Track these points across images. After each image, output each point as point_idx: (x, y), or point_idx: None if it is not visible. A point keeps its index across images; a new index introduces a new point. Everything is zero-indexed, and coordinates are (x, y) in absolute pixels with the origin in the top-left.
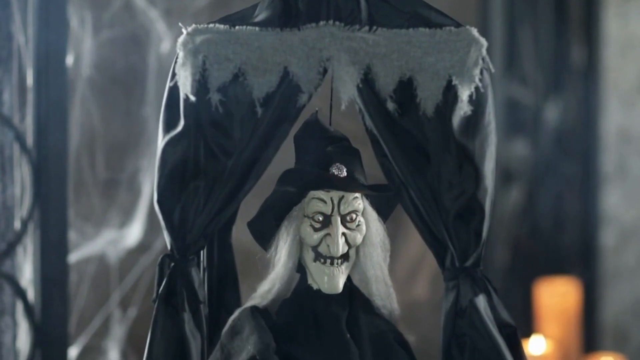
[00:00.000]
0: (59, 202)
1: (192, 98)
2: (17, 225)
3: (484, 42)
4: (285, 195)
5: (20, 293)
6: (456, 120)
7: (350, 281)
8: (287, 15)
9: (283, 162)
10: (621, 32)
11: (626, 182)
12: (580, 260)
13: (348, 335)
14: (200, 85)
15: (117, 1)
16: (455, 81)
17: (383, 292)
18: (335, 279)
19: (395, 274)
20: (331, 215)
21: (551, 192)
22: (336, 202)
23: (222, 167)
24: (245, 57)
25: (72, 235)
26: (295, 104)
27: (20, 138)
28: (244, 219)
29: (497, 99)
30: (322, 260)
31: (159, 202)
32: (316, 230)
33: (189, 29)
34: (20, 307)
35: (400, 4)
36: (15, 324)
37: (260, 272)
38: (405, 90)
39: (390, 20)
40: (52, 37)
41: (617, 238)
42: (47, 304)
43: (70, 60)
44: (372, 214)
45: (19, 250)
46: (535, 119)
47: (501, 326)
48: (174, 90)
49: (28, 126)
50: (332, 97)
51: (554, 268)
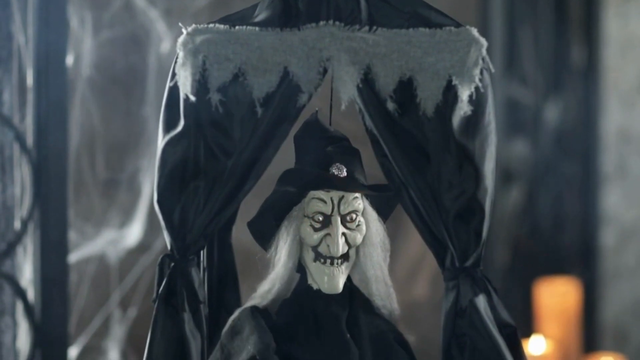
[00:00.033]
0: (59, 202)
1: (192, 98)
2: (17, 225)
3: (484, 42)
4: (285, 195)
5: (20, 293)
6: (456, 120)
7: (350, 281)
8: (287, 15)
9: (283, 162)
10: (621, 32)
11: (626, 182)
12: (580, 260)
13: (348, 335)
14: (200, 85)
15: (117, 1)
16: (455, 81)
17: (383, 292)
18: (335, 279)
19: (395, 274)
20: (331, 215)
21: (551, 192)
22: (336, 202)
23: (222, 167)
24: (245, 57)
25: (72, 235)
26: (295, 104)
27: (20, 138)
28: (244, 219)
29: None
30: (322, 260)
31: (159, 202)
32: (316, 230)
33: (189, 29)
34: (20, 307)
35: (400, 4)
36: (15, 324)
37: (260, 272)
38: (405, 90)
39: (390, 20)
40: (52, 37)
41: (617, 238)
42: (47, 304)
43: (70, 60)
44: (372, 214)
45: (19, 250)
46: (535, 119)
47: (501, 326)
48: (174, 90)
49: (28, 126)
50: (332, 97)
51: (554, 268)
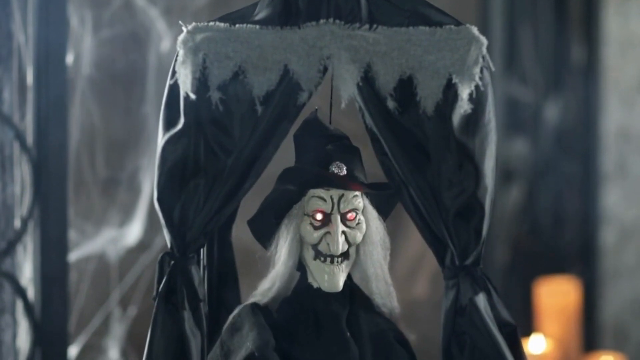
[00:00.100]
0: (58, 200)
1: (192, 96)
2: (17, 223)
3: (484, 40)
4: (285, 193)
5: (20, 291)
6: (456, 118)
7: (350, 279)
8: (288, 13)
9: (283, 160)
10: (621, 31)
11: (626, 181)
12: (580, 259)
13: (348, 334)
14: (201, 83)
15: (117, 0)
16: (455, 79)
17: (383, 291)
18: (335, 278)
19: (395, 273)
20: (331, 213)
21: (551, 191)
22: (336, 201)
23: (222, 165)
24: (246, 55)
25: (72, 234)
26: (295, 102)
27: (20, 137)
28: (244, 218)
29: (497, 98)
30: (322, 258)
31: (159, 200)
32: (316, 228)
33: (189, 27)
34: (20, 306)
35: (400, 2)
36: (15, 323)
37: (260, 270)
38: (406, 88)
39: (390, 18)
40: (52, 35)
41: (617, 237)
42: (47, 302)
43: (70, 58)
44: (372, 212)
45: (19, 248)
46: (535, 117)
47: (501, 325)
48: (174, 88)
49: (28, 125)
50: (332, 96)
51: (554, 267)
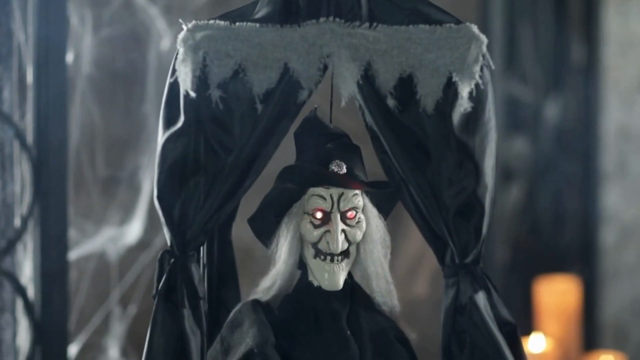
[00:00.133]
0: (59, 199)
1: (192, 94)
2: (17, 222)
3: (484, 39)
4: (284, 191)
5: (20, 290)
6: (456, 117)
7: (351, 278)
8: (288, 11)
9: (283, 158)
10: (621, 30)
11: (626, 181)
12: (580, 258)
13: (348, 332)
14: (201, 81)
15: None
16: (455, 78)
17: (384, 289)
18: (335, 276)
19: (395, 272)
20: (331, 212)
21: (551, 191)
22: (336, 199)
23: (222, 164)
24: (246, 53)
25: (72, 233)
26: (295, 100)
27: (20, 135)
28: (244, 217)
29: (497, 97)
30: (322, 257)
31: (159, 198)
32: (316, 227)
33: (189, 25)
34: (20, 305)
35: (401, 0)
36: (15, 321)
37: (260, 269)
38: (406, 86)
39: (391, 16)
40: (52, 34)
41: (617, 236)
42: (47, 301)
43: (70, 57)
44: (372, 210)
45: (19, 247)
46: (535, 117)
47: (501, 324)
48: (174, 86)
49: (28, 123)
50: (332, 94)
51: (554, 266)
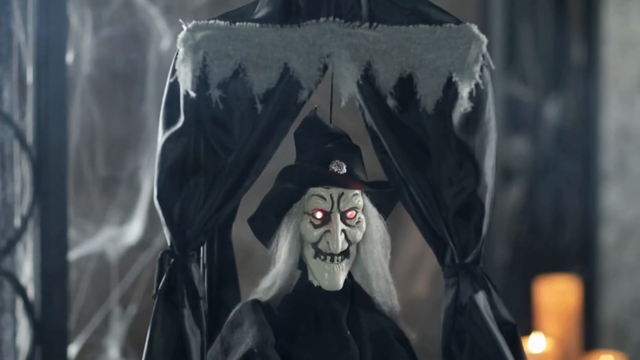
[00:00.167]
0: (59, 199)
1: (192, 94)
2: (17, 222)
3: (484, 39)
4: (284, 191)
5: (20, 290)
6: (456, 116)
7: (351, 278)
8: (288, 11)
9: (283, 158)
10: (621, 30)
11: (626, 180)
12: (580, 258)
13: (348, 332)
14: (201, 81)
15: None
16: (455, 78)
17: (384, 289)
18: (335, 276)
19: (395, 272)
20: (331, 212)
21: (551, 190)
22: (336, 199)
23: (222, 163)
24: (246, 53)
25: (72, 233)
26: (295, 100)
27: (20, 135)
28: (244, 217)
29: (497, 97)
30: (322, 257)
31: (159, 197)
32: (316, 227)
33: (190, 25)
34: (20, 305)
35: (401, 0)
36: (15, 321)
37: (259, 270)
38: (406, 86)
39: (391, 16)
40: (52, 34)
41: (617, 236)
42: (47, 301)
43: (70, 57)
44: (372, 210)
45: (19, 247)
46: (535, 116)
47: (501, 324)
48: (174, 86)
49: (28, 123)
50: (332, 94)
51: (554, 266)
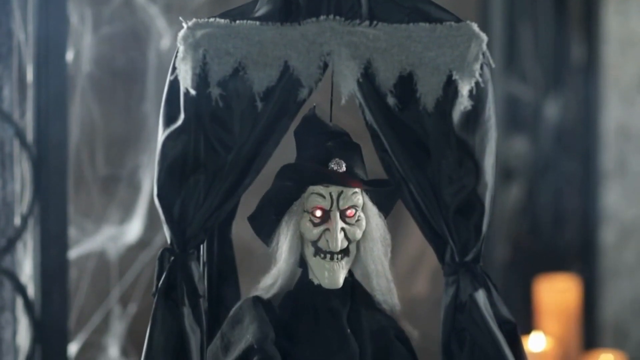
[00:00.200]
0: (59, 198)
1: (193, 92)
2: (17, 221)
3: (484, 37)
4: (284, 190)
5: (20, 289)
6: (456, 115)
7: (352, 276)
8: (288, 9)
9: (283, 156)
10: (621, 29)
11: (626, 180)
12: (580, 257)
13: (348, 330)
14: (201, 79)
15: None
16: (455, 76)
17: (384, 287)
18: (335, 274)
19: (395, 271)
20: (330, 210)
21: (551, 190)
22: (335, 197)
23: (222, 161)
24: (246, 51)
25: (72, 232)
26: (295, 98)
27: (20, 134)
28: (244, 215)
29: (497, 96)
30: (322, 255)
31: (158, 195)
32: (315, 225)
33: (190, 23)
34: (20, 303)
35: None
36: (15, 320)
37: (259, 268)
38: (406, 85)
39: (391, 15)
40: (52, 33)
41: (617, 236)
42: (47, 300)
43: (70, 56)
44: (372, 209)
45: (19, 246)
46: (535, 116)
47: (501, 322)
48: (175, 84)
49: (28, 122)
50: (332, 92)
51: (554, 265)
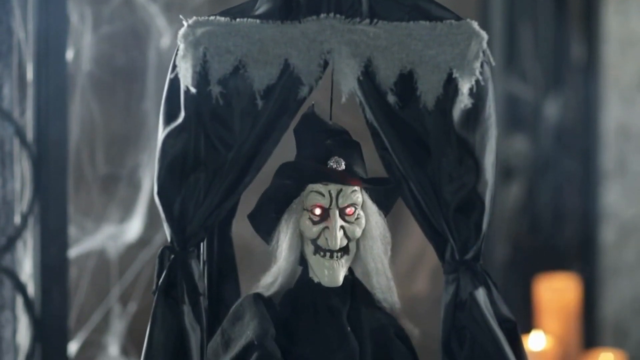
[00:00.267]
0: (59, 196)
1: (193, 90)
2: (17, 219)
3: (484, 35)
4: (283, 188)
5: (20, 287)
6: (457, 113)
7: (352, 274)
8: (288, 8)
9: (283, 154)
10: (621, 28)
11: (626, 179)
12: (580, 256)
13: (348, 328)
14: (201, 77)
15: None
16: (455, 74)
17: (384, 285)
18: (335, 272)
19: (395, 269)
20: (329, 208)
21: (551, 189)
22: (334, 195)
23: (222, 160)
24: (246, 49)
25: (72, 230)
26: (295, 96)
27: (20, 132)
28: (244, 214)
29: (497, 95)
30: (321, 253)
31: (159, 194)
32: (315, 223)
33: (190, 21)
34: (20, 302)
35: None
36: (15, 319)
37: (259, 267)
38: (406, 83)
39: (391, 13)
40: (52, 31)
41: (617, 234)
42: (47, 298)
43: (70, 54)
44: (372, 207)
45: (19, 244)
46: (535, 115)
47: (501, 321)
48: (175, 82)
49: (28, 121)
50: (332, 90)
51: (554, 264)
